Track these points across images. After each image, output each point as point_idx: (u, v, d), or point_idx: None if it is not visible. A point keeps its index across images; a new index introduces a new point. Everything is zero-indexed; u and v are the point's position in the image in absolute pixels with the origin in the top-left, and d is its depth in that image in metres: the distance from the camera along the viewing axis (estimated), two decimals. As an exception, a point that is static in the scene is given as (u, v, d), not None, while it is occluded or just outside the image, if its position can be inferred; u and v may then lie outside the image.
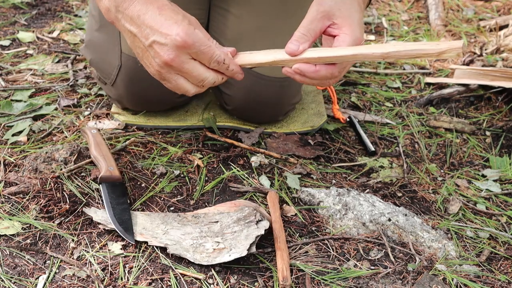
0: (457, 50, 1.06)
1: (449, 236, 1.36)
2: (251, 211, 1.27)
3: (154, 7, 1.11)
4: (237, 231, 1.24)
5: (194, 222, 1.28)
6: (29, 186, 1.36)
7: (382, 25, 2.49)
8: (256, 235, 1.21)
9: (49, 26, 2.22)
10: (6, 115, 1.64)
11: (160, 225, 1.27)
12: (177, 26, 1.10)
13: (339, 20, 1.19)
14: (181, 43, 1.09)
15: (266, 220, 1.27)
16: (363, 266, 1.24)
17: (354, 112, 1.82)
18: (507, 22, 2.41)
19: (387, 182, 1.52)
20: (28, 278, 1.15)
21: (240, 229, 1.24)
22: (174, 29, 1.09)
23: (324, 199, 1.39)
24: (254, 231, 1.22)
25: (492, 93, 1.96)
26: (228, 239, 1.22)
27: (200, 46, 1.11)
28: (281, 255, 1.20)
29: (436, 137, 1.76)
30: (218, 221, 1.27)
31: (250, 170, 1.51)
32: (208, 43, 1.12)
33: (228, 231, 1.24)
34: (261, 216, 1.27)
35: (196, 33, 1.11)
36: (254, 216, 1.26)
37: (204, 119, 1.65)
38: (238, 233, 1.23)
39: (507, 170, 1.62)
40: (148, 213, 1.32)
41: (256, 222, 1.25)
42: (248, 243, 1.19)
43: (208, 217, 1.29)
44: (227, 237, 1.23)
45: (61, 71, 1.90)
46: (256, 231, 1.22)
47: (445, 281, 1.21)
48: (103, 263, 1.19)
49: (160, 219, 1.29)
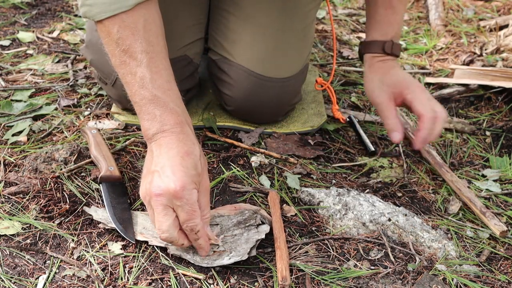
0: None
1: (449, 236, 1.36)
2: (251, 214, 1.27)
3: (182, 151, 1.16)
4: (237, 234, 1.23)
5: None
6: (29, 186, 1.36)
7: (382, 25, 2.49)
8: (257, 239, 1.21)
9: (49, 26, 2.22)
10: (6, 115, 1.64)
11: None
12: (181, 176, 1.13)
13: (406, 90, 1.52)
14: (172, 190, 1.12)
15: (267, 224, 1.26)
16: (363, 266, 1.24)
17: (354, 112, 1.82)
18: (507, 22, 2.41)
19: (387, 182, 1.53)
20: (28, 278, 1.15)
21: (240, 232, 1.24)
22: (178, 177, 1.12)
23: (324, 199, 1.39)
24: (255, 235, 1.22)
25: (492, 93, 1.96)
26: (228, 242, 1.22)
27: (186, 204, 1.13)
28: (281, 255, 1.19)
29: (436, 137, 1.76)
30: (218, 224, 1.27)
31: (250, 170, 1.51)
32: (195, 207, 1.14)
33: (228, 234, 1.24)
34: (261, 219, 1.27)
35: (192, 192, 1.13)
36: (255, 219, 1.26)
37: (204, 119, 1.65)
38: (238, 236, 1.23)
39: (507, 170, 1.62)
40: (148, 213, 1.31)
41: (257, 226, 1.25)
42: (248, 247, 1.19)
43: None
44: (227, 240, 1.23)
45: (61, 71, 1.90)
46: (256, 235, 1.22)
47: (445, 281, 1.21)
48: (103, 263, 1.19)
49: None
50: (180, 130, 1.18)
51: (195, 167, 1.16)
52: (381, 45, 1.58)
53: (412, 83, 1.53)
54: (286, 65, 1.58)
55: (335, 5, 2.64)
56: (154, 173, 1.15)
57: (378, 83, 1.56)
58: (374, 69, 1.59)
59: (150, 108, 1.18)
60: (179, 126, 1.18)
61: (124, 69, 1.20)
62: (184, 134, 1.18)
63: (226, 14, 1.58)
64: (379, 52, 1.58)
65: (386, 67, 1.58)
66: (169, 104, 1.18)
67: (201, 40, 1.62)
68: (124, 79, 1.21)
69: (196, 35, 1.60)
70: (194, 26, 1.59)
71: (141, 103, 1.19)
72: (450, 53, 2.28)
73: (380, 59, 1.59)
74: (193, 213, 1.14)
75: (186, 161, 1.15)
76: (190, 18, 1.58)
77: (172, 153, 1.15)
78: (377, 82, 1.56)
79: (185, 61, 1.58)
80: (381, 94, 1.54)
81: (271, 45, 1.56)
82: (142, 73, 1.18)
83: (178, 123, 1.18)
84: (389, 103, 1.53)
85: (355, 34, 2.40)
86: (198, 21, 1.60)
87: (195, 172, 1.15)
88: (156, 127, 1.18)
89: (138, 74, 1.18)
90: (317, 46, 2.24)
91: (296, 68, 1.61)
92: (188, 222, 1.14)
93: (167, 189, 1.12)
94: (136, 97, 1.20)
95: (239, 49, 1.56)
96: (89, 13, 1.20)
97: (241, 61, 1.56)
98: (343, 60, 2.18)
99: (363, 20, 2.52)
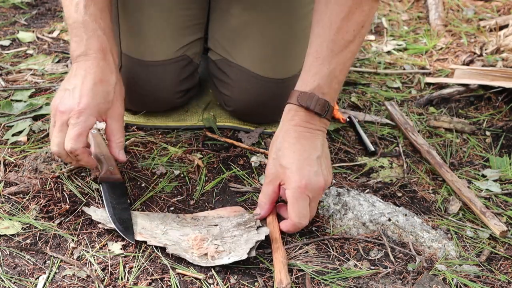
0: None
1: (449, 236, 1.36)
2: (251, 217, 1.27)
3: (97, 77, 1.27)
4: (236, 235, 1.23)
5: (194, 224, 1.28)
6: (29, 186, 1.36)
7: (382, 25, 2.49)
8: (256, 240, 1.21)
9: (49, 26, 2.22)
10: (6, 115, 1.64)
11: (159, 225, 1.27)
12: (86, 100, 1.24)
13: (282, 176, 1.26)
14: (73, 110, 1.23)
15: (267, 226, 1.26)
16: (363, 266, 1.24)
17: (354, 112, 1.81)
18: (507, 22, 2.41)
19: (387, 182, 1.52)
20: (28, 278, 1.15)
21: (240, 233, 1.24)
22: (82, 100, 1.24)
23: (324, 199, 1.39)
24: (254, 236, 1.22)
25: (492, 93, 1.96)
26: (227, 243, 1.22)
27: (76, 125, 1.22)
28: (277, 258, 1.19)
29: (436, 137, 1.76)
30: (217, 224, 1.27)
31: (250, 170, 1.51)
32: (82, 132, 1.23)
33: (227, 235, 1.24)
34: (261, 222, 1.27)
35: (88, 118, 1.24)
36: (255, 222, 1.26)
37: (204, 119, 1.65)
38: (238, 237, 1.23)
39: (507, 170, 1.62)
40: (147, 213, 1.31)
41: (257, 227, 1.25)
42: (248, 247, 1.19)
43: (207, 220, 1.29)
44: (226, 240, 1.23)
45: (61, 71, 1.90)
46: (256, 236, 1.22)
47: (445, 281, 1.21)
48: (103, 263, 1.19)
49: (159, 219, 1.29)
50: (102, 56, 1.29)
51: (106, 94, 1.27)
52: (296, 95, 1.27)
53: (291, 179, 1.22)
54: (285, 66, 1.58)
55: (335, 5, 2.64)
56: (66, 92, 1.26)
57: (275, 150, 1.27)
58: (287, 128, 1.27)
59: (80, 32, 1.29)
60: (102, 52, 1.29)
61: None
62: (105, 61, 1.29)
63: (226, 15, 1.58)
64: (293, 103, 1.27)
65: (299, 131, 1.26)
66: (97, 31, 1.29)
67: (200, 40, 1.62)
68: (64, 2, 1.32)
69: (196, 35, 1.60)
70: (193, 26, 1.59)
71: (73, 26, 1.30)
72: (450, 53, 2.28)
73: (299, 117, 1.26)
74: (78, 136, 1.22)
75: (97, 87, 1.26)
76: (189, 18, 1.58)
77: (87, 78, 1.26)
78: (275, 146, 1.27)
79: (185, 61, 1.58)
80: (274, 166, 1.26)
81: (271, 46, 1.56)
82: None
83: (102, 49, 1.29)
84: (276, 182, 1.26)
85: (355, 34, 2.40)
86: (197, 21, 1.60)
87: (103, 100, 1.27)
88: (81, 49, 1.28)
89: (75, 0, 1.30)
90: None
91: (296, 68, 1.61)
92: (69, 142, 1.22)
93: (70, 109, 1.23)
94: (70, 20, 1.31)
95: (239, 49, 1.56)
96: None
97: (241, 62, 1.56)
98: (343, 60, 2.18)
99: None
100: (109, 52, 1.31)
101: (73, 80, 1.27)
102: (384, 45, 2.32)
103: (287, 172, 1.22)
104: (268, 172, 1.27)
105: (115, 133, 1.31)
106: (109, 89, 1.28)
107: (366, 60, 2.19)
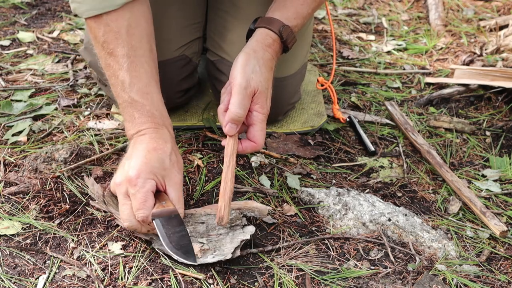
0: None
1: (449, 236, 1.36)
2: (238, 215, 1.27)
3: (150, 146, 1.24)
4: (222, 233, 1.23)
5: None
6: (29, 186, 1.36)
7: (382, 25, 2.49)
8: (241, 239, 1.21)
9: (49, 26, 2.22)
10: (6, 115, 1.64)
11: None
12: (140, 166, 1.20)
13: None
14: (128, 178, 1.19)
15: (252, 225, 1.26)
16: (363, 266, 1.24)
17: (354, 112, 1.82)
18: (507, 22, 2.41)
19: (387, 182, 1.53)
20: (28, 278, 1.15)
21: (226, 231, 1.24)
22: (136, 166, 1.20)
23: (324, 199, 1.40)
24: (240, 235, 1.22)
25: (492, 93, 1.96)
26: (212, 241, 1.22)
27: (138, 192, 1.18)
28: (224, 189, 1.20)
29: (436, 137, 1.76)
30: (204, 222, 1.27)
31: (250, 170, 1.51)
32: (147, 197, 1.19)
33: (213, 233, 1.24)
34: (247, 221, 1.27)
35: (146, 181, 1.19)
36: (241, 220, 1.26)
37: (204, 119, 1.65)
38: (223, 235, 1.23)
39: (507, 170, 1.62)
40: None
41: (242, 226, 1.25)
42: (232, 247, 1.19)
43: (194, 218, 1.28)
44: (212, 238, 1.22)
45: (61, 71, 1.90)
46: (241, 235, 1.22)
47: (445, 281, 1.21)
48: (103, 263, 1.19)
49: None
50: (154, 131, 1.27)
51: (160, 161, 1.23)
52: (279, 26, 1.33)
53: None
54: (283, 65, 1.58)
55: (335, 5, 2.64)
56: (122, 166, 1.24)
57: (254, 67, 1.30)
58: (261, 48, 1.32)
59: (130, 111, 1.28)
60: (154, 128, 1.27)
61: (109, 71, 1.29)
62: (158, 134, 1.27)
63: (224, 14, 1.58)
64: (275, 31, 1.32)
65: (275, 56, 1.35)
66: (146, 107, 1.27)
67: (199, 39, 1.62)
68: (110, 80, 1.30)
69: (194, 34, 1.60)
70: (191, 26, 1.59)
71: (122, 105, 1.29)
72: (450, 53, 2.28)
73: (274, 48, 1.34)
74: (143, 203, 1.18)
75: (150, 154, 1.23)
76: (187, 18, 1.58)
77: (139, 148, 1.24)
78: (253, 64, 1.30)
79: (183, 60, 1.58)
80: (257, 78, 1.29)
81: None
82: (123, 76, 1.27)
83: (154, 126, 1.27)
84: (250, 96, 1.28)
85: (355, 34, 2.40)
86: (195, 21, 1.60)
87: (159, 165, 1.22)
88: (135, 129, 1.27)
89: (120, 78, 1.27)
90: (317, 46, 2.24)
91: (294, 67, 1.61)
92: (138, 212, 1.18)
93: (124, 177, 1.20)
94: (118, 99, 1.30)
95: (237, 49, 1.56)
96: (78, 10, 1.27)
97: None
98: (343, 60, 2.18)
99: (363, 20, 2.52)
100: (162, 126, 1.28)
101: (128, 155, 1.26)
102: (384, 45, 2.32)
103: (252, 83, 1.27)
104: (243, 83, 1.26)
105: (174, 203, 1.22)
106: (164, 156, 1.24)
107: (366, 60, 2.19)
